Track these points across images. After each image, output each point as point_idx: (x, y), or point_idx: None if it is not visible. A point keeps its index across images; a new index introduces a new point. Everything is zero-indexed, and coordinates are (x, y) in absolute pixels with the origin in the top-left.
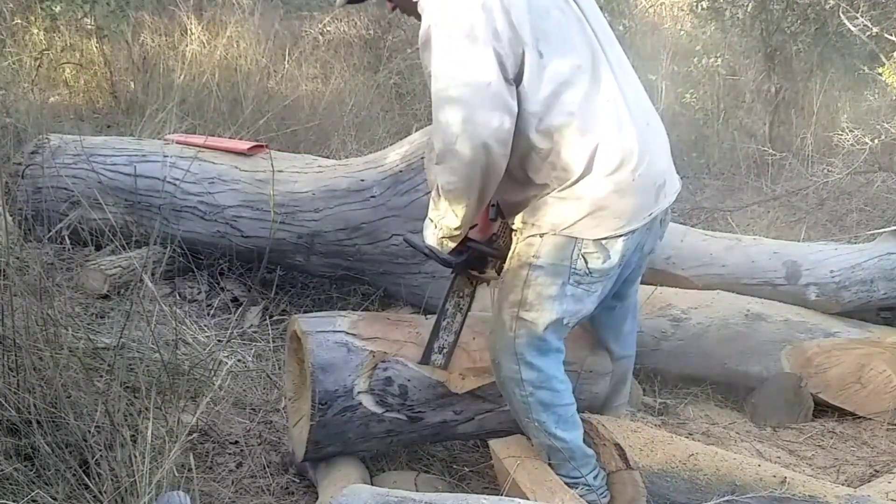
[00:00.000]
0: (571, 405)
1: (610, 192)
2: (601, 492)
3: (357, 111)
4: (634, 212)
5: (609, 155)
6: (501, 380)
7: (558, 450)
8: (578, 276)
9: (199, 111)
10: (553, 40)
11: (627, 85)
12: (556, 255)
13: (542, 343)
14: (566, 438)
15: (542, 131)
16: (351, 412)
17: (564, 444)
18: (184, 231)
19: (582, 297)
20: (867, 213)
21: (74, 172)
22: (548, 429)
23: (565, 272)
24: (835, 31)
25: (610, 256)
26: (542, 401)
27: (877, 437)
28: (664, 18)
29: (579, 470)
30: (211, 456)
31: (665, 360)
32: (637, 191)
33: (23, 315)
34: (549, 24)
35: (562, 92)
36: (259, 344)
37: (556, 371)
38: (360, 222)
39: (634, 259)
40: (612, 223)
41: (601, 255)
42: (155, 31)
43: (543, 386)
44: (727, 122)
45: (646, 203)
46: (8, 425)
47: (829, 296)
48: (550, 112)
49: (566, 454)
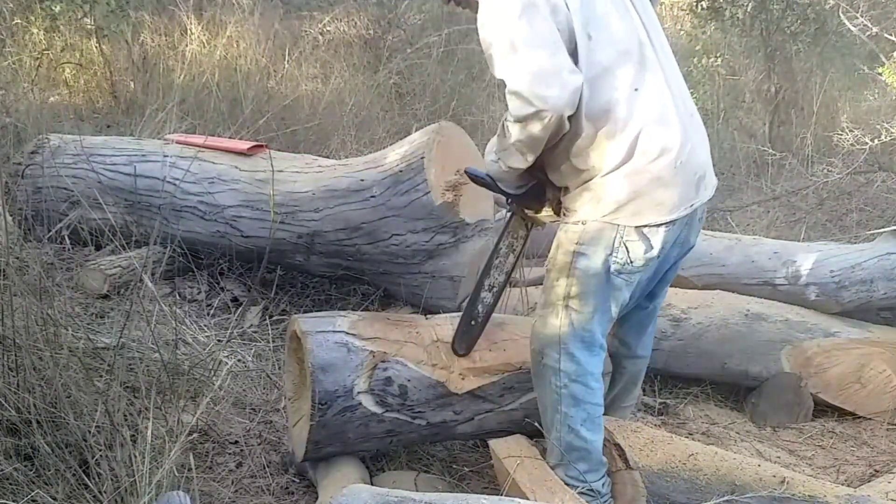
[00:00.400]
0: (600, 407)
1: (651, 179)
2: (605, 499)
3: (357, 111)
4: (676, 201)
5: (651, 142)
6: (539, 368)
7: (576, 448)
8: (619, 264)
9: (199, 111)
10: (601, 25)
11: (672, 76)
12: (598, 242)
13: (588, 335)
14: (588, 438)
15: (587, 115)
16: (351, 412)
17: (584, 443)
18: (184, 231)
19: (622, 287)
20: (867, 213)
21: (74, 172)
22: (573, 424)
23: (607, 261)
24: (835, 30)
25: (652, 246)
26: (575, 395)
27: (877, 436)
28: (664, 18)
29: (589, 474)
30: (211, 456)
31: (665, 360)
32: (678, 180)
33: (23, 315)
34: (598, 9)
35: (607, 77)
36: (259, 344)
37: (595, 368)
38: (360, 222)
39: (673, 254)
40: (654, 211)
41: (643, 244)
42: (155, 30)
43: (579, 380)
44: (727, 121)
45: (687, 194)
46: (8, 425)
47: (829, 296)
48: (595, 96)
49: (582, 454)
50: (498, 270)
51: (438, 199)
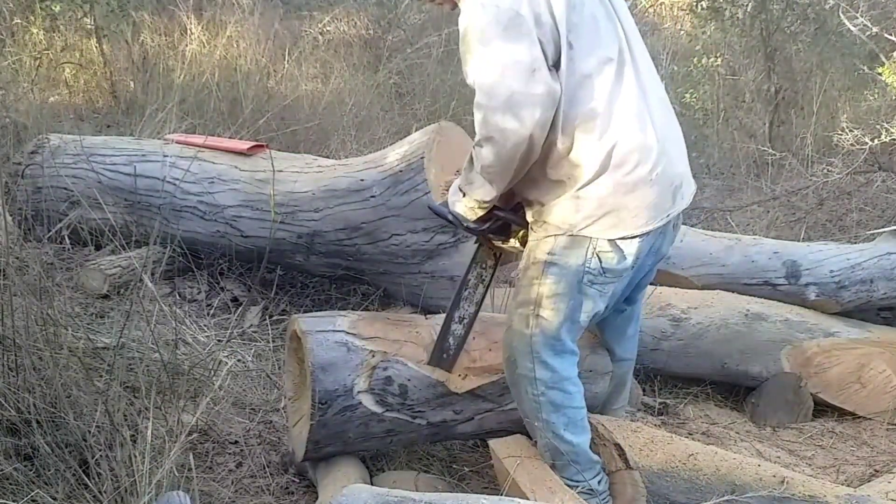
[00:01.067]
0: (581, 409)
1: (627, 191)
2: (603, 497)
3: (357, 111)
4: (652, 213)
5: (626, 154)
6: (515, 378)
7: (563, 453)
8: (592, 275)
9: (199, 111)
10: (583, 33)
11: (651, 85)
12: (570, 254)
13: (558, 343)
14: (573, 442)
15: (564, 125)
16: (351, 412)
17: (570, 447)
18: (183, 231)
19: (595, 297)
20: (867, 213)
21: (74, 172)
22: (556, 430)
23: (580, 271)
24: (834, 30)
25: (625, 257)
26: (553, 401)
27: (876, 436)
28: (664, 18)
29: (582, 474)
30: (211, 456)
31: (665, 360)
32: (654, 191)
33: (23, 315)
34: (581, 16)
35: (586, 86)
36: (259, 344)
37: (570, 373)
38: (360, 222)
39: (648, 262)
40: (629, 223)
41: (616, 255)
42: (155, 30)
43: (556, 387)
44: (727, 121)
45: (663, 204)
46: (8, 425)
47: (829, 296)
48: (573, 105)
49: (570, 457)
50: (467, 302)
51: (438, 199)
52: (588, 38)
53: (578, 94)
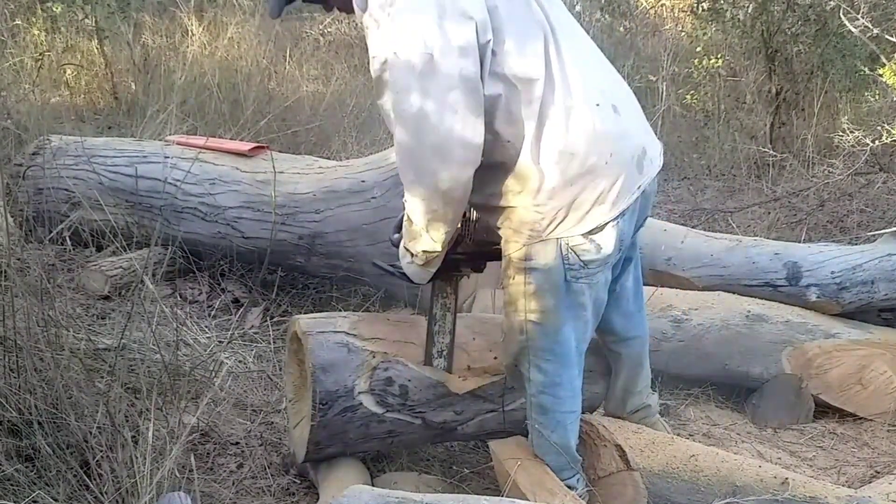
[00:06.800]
0: (571, 413)
1: (584, 185)
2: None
3: (358, 112)
4: (617, 194)
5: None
6: (515, 373)
7: (547, 452)
8: (574, 270)
9: (200, 112)
10: (507, 31)
11: (587, 67)
12: (546, 256)
13: (560, 347)
14: (559, 443)
15: (496, 142)
16: (351, 412)
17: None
18: (185, 232)
19: (584, 290)
20: (868, 215)
21: (75, 173)
22: (542, 430)
23: (561, 270)
24: (835, 32)
25: (601, 246)
26: (543, 405)
27: (878, 438)
28: (665, 20)
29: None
30: (212, 457)
31: (666, 361)
32: (614, 172)
33: (24, 316)
34: (502, 15)
35: (511, 96)
36: (260, 345)
37: (565, 379)
38: (361, 223)
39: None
40: (595, 215)
41: (592, 247)
42: (156, 32)
43: (547, 391)
44: (728, 123)
45: (629, 180)
46: (9, 426)
47: (830, 297)
48: (507, 110)
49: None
50: (441, 335)
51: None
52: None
53: (509, 98)
